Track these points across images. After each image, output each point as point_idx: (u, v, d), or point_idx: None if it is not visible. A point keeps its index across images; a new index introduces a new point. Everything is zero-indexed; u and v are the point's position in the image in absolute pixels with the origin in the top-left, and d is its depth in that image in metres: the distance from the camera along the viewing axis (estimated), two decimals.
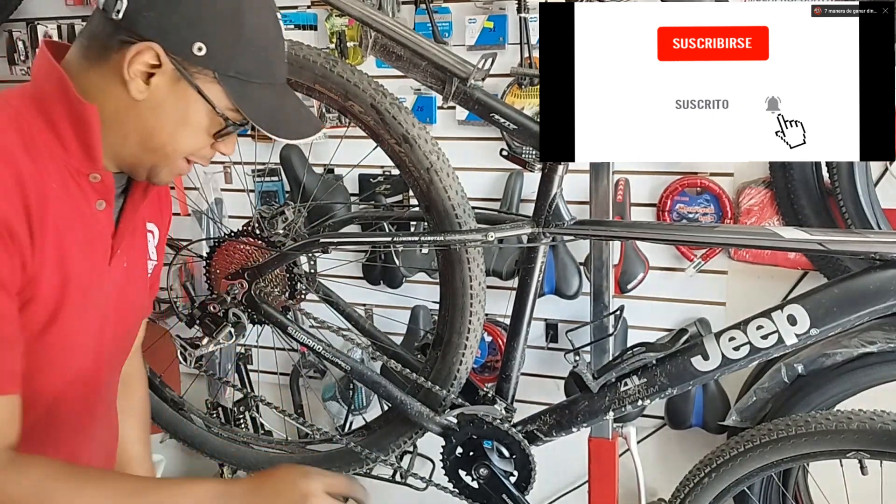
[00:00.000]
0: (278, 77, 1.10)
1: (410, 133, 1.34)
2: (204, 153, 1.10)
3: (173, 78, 1.01)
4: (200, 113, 1.04)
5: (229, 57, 1.01)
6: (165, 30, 0.98)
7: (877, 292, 1.17)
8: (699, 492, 1.41)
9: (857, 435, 1.25)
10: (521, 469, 1.43)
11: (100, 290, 1.10)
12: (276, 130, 1.07)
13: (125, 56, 0.98)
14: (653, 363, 1.31)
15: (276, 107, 1.08)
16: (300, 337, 1.46)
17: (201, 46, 0.99)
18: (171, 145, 1.05)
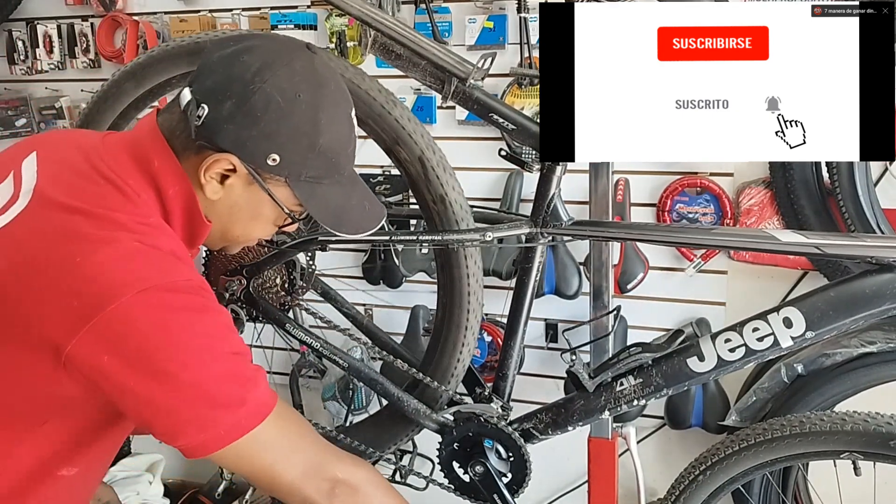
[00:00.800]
0: (347, 172, 1.14)
1: (447, 194, 1.36)
2: (272, 234, 1.19)
3: (247, 181, 1.06)
4: (270, 211, 1.10)
5: (301, 166, 1.05)
6: (243, 142, 1.02)
7: (873, 296, 1.17)
8: (694, 489, 1.42)
9: (851, 436, 1.26)
10: (516, 471, 1.43)
11: None
12: (340, 228, 1.13)
13: (202, 161, 1.04)
14: (649, 363, 1.31)
15: (341, 203, 1.12)
16: (298, 334, 1.46)
17: (276, 158, 1.03)
18: (244, 237, 1.16)
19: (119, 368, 0.95)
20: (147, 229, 1.02)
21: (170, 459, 2.66)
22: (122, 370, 0.95)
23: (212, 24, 2.39)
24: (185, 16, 2.40)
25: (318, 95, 1.05)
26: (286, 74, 1.03)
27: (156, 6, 2.43)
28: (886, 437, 1.23)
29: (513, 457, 1.42)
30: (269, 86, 1.01)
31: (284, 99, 1.02)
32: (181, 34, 2.37)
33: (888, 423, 1.25)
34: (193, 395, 0.98)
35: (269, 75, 1.02)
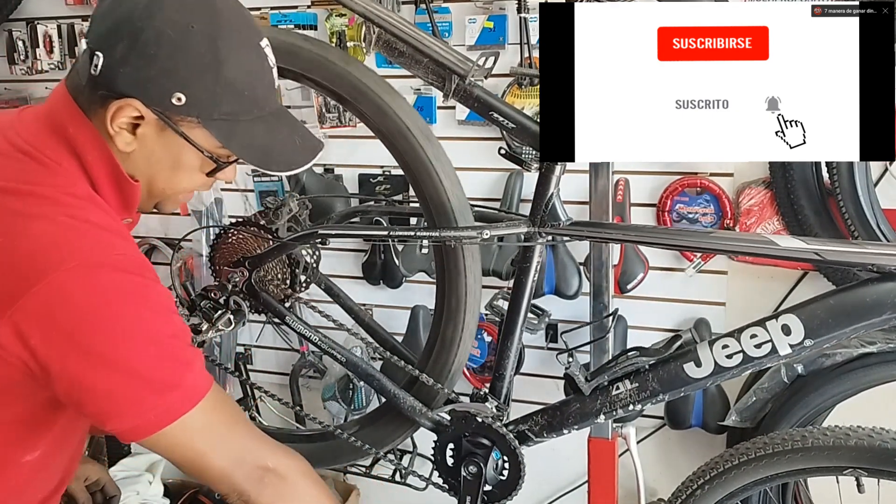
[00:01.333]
0: (269, 107, 1.09)
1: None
2: (204, 185, 1.13)
3: (158, 127, 1.02)
4: (191, 156, 1.05)
5: (211, 102, 1.01)
6: (143, 84, 0.98)
7: (873, 305, 1.15)
8: (693, 502, 1.40)
9: (854, 452, 1.24)
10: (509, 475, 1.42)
11: None
12: (268, 165, 1.08)
13: (107, 112, 0.99)
14: (645, 368, 1.30)
15: (267, 140, 1.08)
16: (297, 327, 1.47)
17: (181, 97, 0.99)
18: (170, 189, 1.10)
19: (48, 347, 0.93)
20: (75, 201, 1.00)
21: None
22: (52, 349, 0.93)
23: None
24: None
25: (214, 25, 1.00)
26: (175, 6, 0.99)
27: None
28: (891, 453, 1.21)
29: (507, 460, 1.41)
30: (158, 21, 0.97)
31: (176, 31, 0.98)
32: None
33: (893, 440, 1.23)
34: (125, 378, 0.96)
35: (157, 10, 0.98)
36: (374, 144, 1.42)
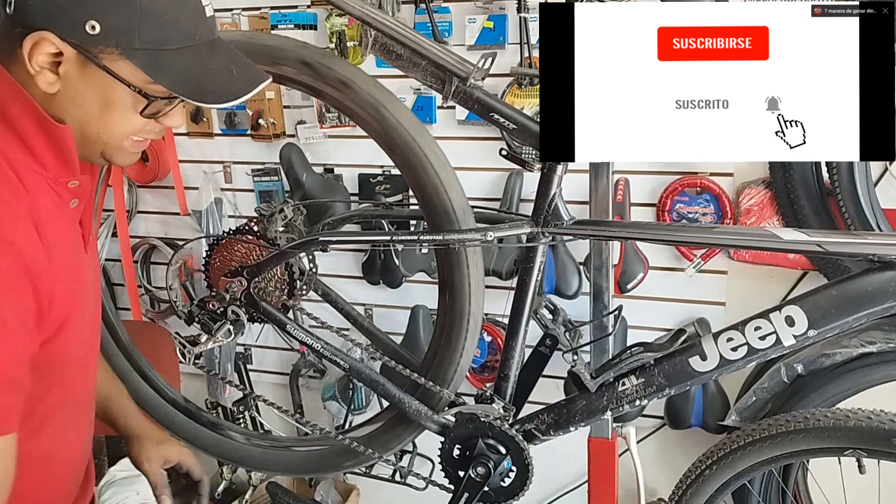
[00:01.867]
0: (199, 36, 1.01)
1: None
2: (149, 130, 1.06)
3: (80, 63, 0.96)
4: (120, 93, 0.99)
5: (128, 29, 0.95)
6: (53, 14, 0.93)
7: (875, 294, 1.16)
8: (700, 484, 1.43)
9: (854, 433, 1.26)
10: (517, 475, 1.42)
11: (86, 281, 1.12)
12: (202, 97, 1.01)
13: (23, 51, 0.94)
14: (651, 363, 1.31)
15: (200, 71, 1.00)
16: (299, 335, 1.46)
17: (94, 24, 0.93)
18: (105, 132, 1.02)
19: None
20: None
21: None
22: None
23: None
24: None
25: None
26: None
27: None
28: (890, 434, 1.23)
29: (514, 460, 1.42)
30: None
31: None
32: None
33: (892, 421, 1.24)
34: None
35: None
36: (373, 144, 1.42)
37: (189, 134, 2.55)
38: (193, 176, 2.55)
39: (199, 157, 2.55)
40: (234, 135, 2.48)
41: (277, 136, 2.41)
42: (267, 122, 2.38)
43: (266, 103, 2.37)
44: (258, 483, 2.58)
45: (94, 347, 1.23)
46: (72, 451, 1.21)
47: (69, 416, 1.17)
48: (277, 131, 2.41)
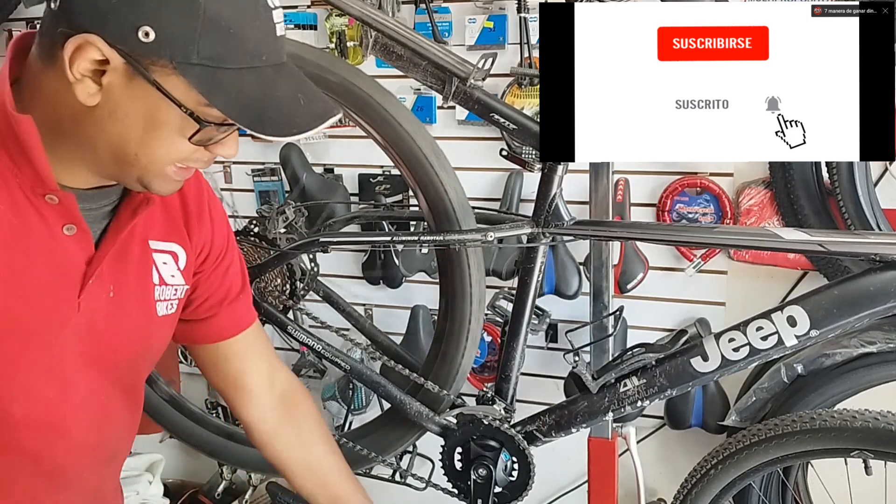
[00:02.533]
0: (266, 57, 0.87)
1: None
2: (196, 158, 0.91)
3: (127, 74, 0.82)
4: (168, 113, 0.84)
5: (187, 40, 0.81)
6: (103, 15, 0.80)
7: (877, 294, 1.16)
8: (705, 484, 1.43)
9: (861, 434, 1.26)
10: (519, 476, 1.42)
11: (61, 322, 0.94)
12: (261, 126, 0.85)
13: (64, 53, 0.81)
14: (652, 364, 1.31)
15: (262, 97, 0.86)
16: (300, 336, 1.46)
17: (148, 31, 0.80)
18: (145, 156, 0.87)
19: None
20: None
21: (170, 459, 2.66)
22: None
23: None
24: None
25: None
26: None
27: None
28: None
29: (516, 460, 1.42)
30: None
31: None
32: None
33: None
34: None
35: None
36: (373, 144, 1.42)
37: None
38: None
39: None
40: None
41: None
42: None
43: None
44: (258, 483, 2.58)
45: (80, 415, 1.01)
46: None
47: (11, 487, 0.99)
48: None
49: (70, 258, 0.93)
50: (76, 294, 0.94)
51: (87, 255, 0.94)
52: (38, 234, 0.89)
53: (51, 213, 0.90)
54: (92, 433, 1.04)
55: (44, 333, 0.93)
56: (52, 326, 0.94)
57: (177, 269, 1.08)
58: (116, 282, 0.99)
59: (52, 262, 0.91)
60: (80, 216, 0.92)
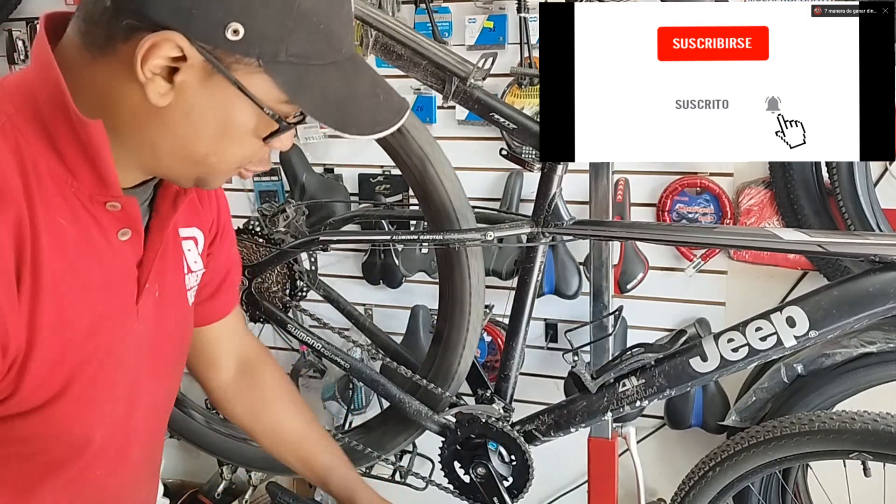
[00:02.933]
0: (345, 49, 0.82)
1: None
2: (260, 157, 0.86)
3: (204, 72, 0.76)
4: (246, 113, 0.79)
5: (278, 38, 0.75)
6: (187, 10, 0.72)
7: (877, 295, 1.16)
8: (703, 486, 1.43)
9: (860, 436, 1.25)
10: (518, 474, 1.43)
11: (126, 337, 0.90)
12: (346, 125, 0.81)
13: (137, 50, 0.73)
14: (651, 364, 1.31)
15: (345, 93, 0.81)
16: (300, 334, 1.46)
17: (237, 28, 0.73)
18: (215, 156, 0.82)
19: None
20: None
21: (170, 459, 2.66)
22: None
23: None
24: None
25: None
26: None
27: None
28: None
29: (515, 459, 1.42)
30: None
31: None
32: None
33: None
34: None
35: None
36: (373, 144, 1.42)
37: None
38: None
39: None
40: None
41: None
42: None
43: None
44: (258, 483, 2.58)
45: (138, 433, 0.97)
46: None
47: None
48: None
49: (125, 264, 0.88)
50: (134, 301, 0.90)
51: (138, 257, 0.89)
52: (97, 244, 0.84)
53: (108, 219, 0.84)
54: (147, 451, 1.01)
55: (114, 352, 0.88)
56: (120, 341, 0.89)
57: (198, 254, 1.04)
58: (160, 281, 0.95)
59: (111, 271, 0.86)
60: (139, 220, 0.87)
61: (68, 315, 0.80)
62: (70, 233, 0.80)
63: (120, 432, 0.94)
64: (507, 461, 1.44)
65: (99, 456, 0.92)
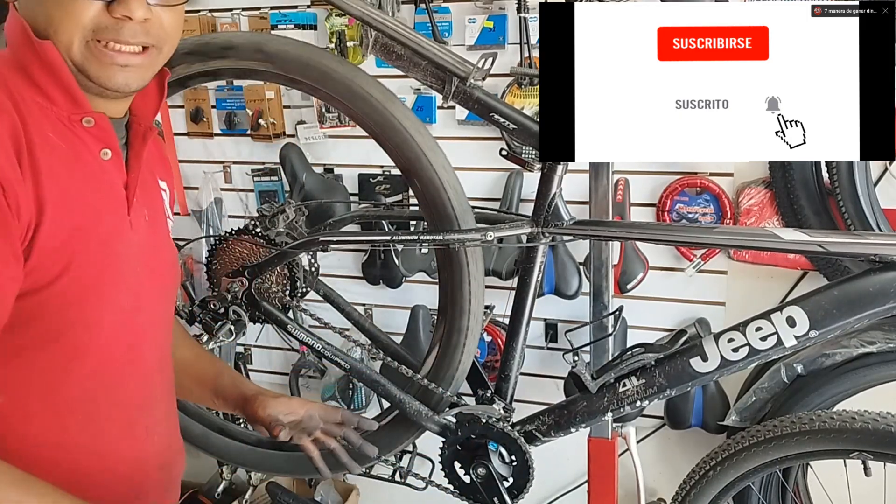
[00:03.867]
0: None
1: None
2: (107, 26, 0.93)
3: None
4: None
5: None
6: None
7: (877, 294, 1.16)
8: (703, 486, 1.43)
9: (860, 435, 1.25)
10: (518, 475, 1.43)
11: (123, 241, 1.02)
12: None
13: None
14: (651, 364, 1.31)
15: None
16: (300, 335, 1.46)
17: None
18: (55, 32, 0.92)
19: None
20: None
21: None
22: None
23: (212, 24, 2.39)
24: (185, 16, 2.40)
25: None
26: None
27: None
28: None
29: (515, 460, 1.42)
30: None
31: None
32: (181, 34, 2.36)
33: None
34: None
35: None
36: (373, 144, 1.42)
37: (189, 134, 2.55)
38: (193, 176, 2.55)
39: (198, 157, 2.55)
40: (233, 135, 2.48)
41: (277, 135, 2.41)
42: (267, 122, 2.38)
43: (266, 103, 2.37)
44: (258, 483, 2.58)
45: (146, 335, 1.08)
46: (119, 462, 1.06)
47: (111, 413, 1.04)
48: (277, 131, 2.40)
49: (112, 181, 1.01)
50: (126, 212, 1.02)
51: (123, 179, 1.02)
52: (85, 159, 0.97)
53: (89, 137, 0.97)
54: (157, 359, 1.12)
55: (114, 251, 1.00)
56: (118, 243, 1.01)
57: (169, 206, 1.19)
58: (148, 209, 1.08)
59: (101, 184, 0.99)
60: (114, 137, 1.00)
61: (68, 200, 0.92)
62: (60, 146, 0.93)
63: (129, 329, 1.04)
64: (507, 461, 1.44)
65: (112, 346, 1.02)
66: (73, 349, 0.98)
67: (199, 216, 2.50)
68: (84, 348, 0.99)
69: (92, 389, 1.02)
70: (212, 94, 2.47)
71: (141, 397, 1.09)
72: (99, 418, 1.03)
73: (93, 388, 1.02)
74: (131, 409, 1.08)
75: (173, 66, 1.35)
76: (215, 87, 2.45)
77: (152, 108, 1.08)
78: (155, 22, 0.97)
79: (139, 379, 1.08)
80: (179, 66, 1.39)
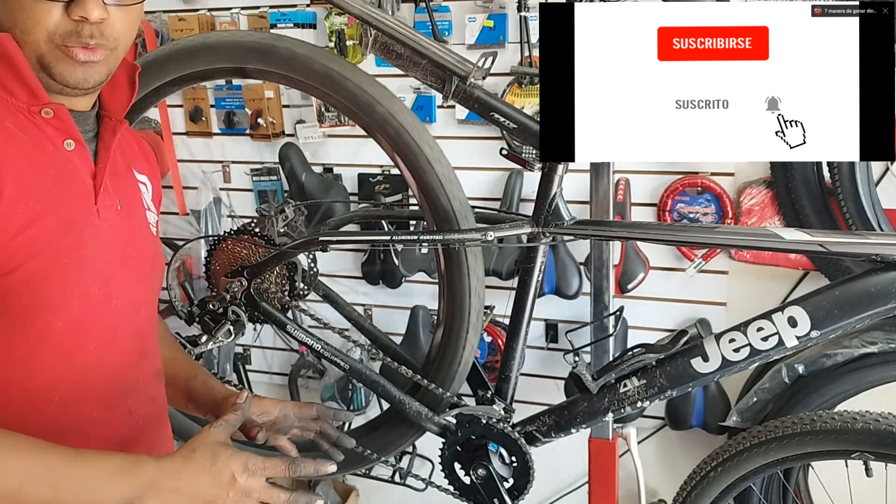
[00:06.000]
0: None
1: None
2: (68, 28, 0.95)
3: None
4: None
5: None
6: None
7: (878, 295, 1.16)
8: (705, 486, 1.43)
9: (862, 436, 1.25)
10: (518, 475, 1.42)
11: (89, 227, 1.03)
12: None
13: None
14: (652, 364, 1.31)
15: None
16: (299, 335, 1.46)
17: None
18: (21, 33, 0.95)
19: None
20: None
21: None
22: None
23: (211, 23, 2.39)
24: (184, 15, 2.40)
25: None
26: None
27: (155, 5, 2.43)
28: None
29: (516, 461, 1.42)
30: None
31: None
32: (180, 33, 2.36)
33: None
34: None
35: None
36: (373, 144, 1.42)
37: (188, 133, 2.55)
38: (192, 176, 2.55)
39: (197, 157, 2.55)
40: (232, 134, 2.48)
41: (276, 135, 2.40)
42: (266, 122, 2.38)
43: (265, 102, 2.37)
44: None
45: (121, 320, 1.09)
46: (102, 443, 1.05)
47: (87, 396, 1.05)
48: (276, 131, 2.40)
49: (77, 171, 1.02)
50: (93, 201, 1.03)
51: (90, 170, 1.04)
52: (45, 148, 0.98)
53: (50, 129, 0.99)
54: (137, 342, 1.12)
55: (77, 230, 1.01)
56: (84, 230, 1.01)
57: (149, 199, 1.19)
58: (120, 198, 1.08)
59: (64, 173, 1.00)
60: (76, 128, 1.01)
61: (28, 187, 0.94)
62: (18, 135, 0.95)
63: (100, 314, 1.05)
64: (507, 462, 1.43)
65: (82, 331, 1.03)
66: (42, 333, 1.00)
67: (197, 216, 2.50)
68: (52, 332, 1.00)
69: (64, 372, 1.03)
70: (211, 94, 2.47)
71: (120, 382, 1.10)
72: (74, 401, 1.04)
73: (65, 372, 1.03)
74: (110, 392, 1.09)
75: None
76: (214, 87, 2.45)
77: (123, 102, 1.11)
78: (110, 21, 0.98)
79: (116, 363, 1.09)
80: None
